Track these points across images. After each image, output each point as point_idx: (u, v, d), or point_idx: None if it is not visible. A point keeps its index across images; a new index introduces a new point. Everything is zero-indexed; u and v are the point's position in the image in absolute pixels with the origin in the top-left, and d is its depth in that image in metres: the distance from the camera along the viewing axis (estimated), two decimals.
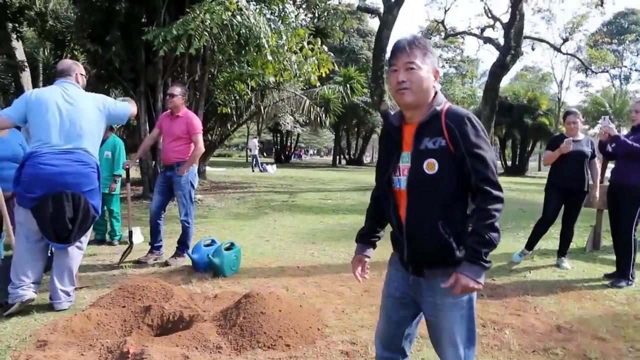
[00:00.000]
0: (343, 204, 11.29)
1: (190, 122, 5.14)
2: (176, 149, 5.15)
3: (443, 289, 1.81)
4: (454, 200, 1.80)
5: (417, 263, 1.88)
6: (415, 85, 1.79)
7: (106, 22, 9.41)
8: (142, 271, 4.93)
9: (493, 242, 1.71)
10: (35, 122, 3.62)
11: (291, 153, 44.37)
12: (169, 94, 5.22)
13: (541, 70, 47.82)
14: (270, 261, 5.46)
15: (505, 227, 8.16)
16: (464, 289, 1.73)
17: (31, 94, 3.70)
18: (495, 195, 1.75)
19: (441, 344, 1.92)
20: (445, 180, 1.77)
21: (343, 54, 32.61)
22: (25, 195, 3.55)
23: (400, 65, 1.80)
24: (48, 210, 3.55)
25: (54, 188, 3.55)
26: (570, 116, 5.26)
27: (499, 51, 16.85)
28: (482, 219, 1.73)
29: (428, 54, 1.81)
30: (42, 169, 3.52)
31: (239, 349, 3.00)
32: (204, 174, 15.69)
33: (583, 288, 4.65)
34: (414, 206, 1.82)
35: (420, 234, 1.82)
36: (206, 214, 9.10)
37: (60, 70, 3.86)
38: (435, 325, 1.91)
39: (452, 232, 1.78)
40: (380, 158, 2.03)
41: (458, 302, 1.85)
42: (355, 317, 3.71)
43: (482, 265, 1.72)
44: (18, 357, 2.85)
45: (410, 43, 1.80)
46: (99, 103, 3.87)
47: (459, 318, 1.87)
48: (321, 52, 10.20)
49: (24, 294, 3.54)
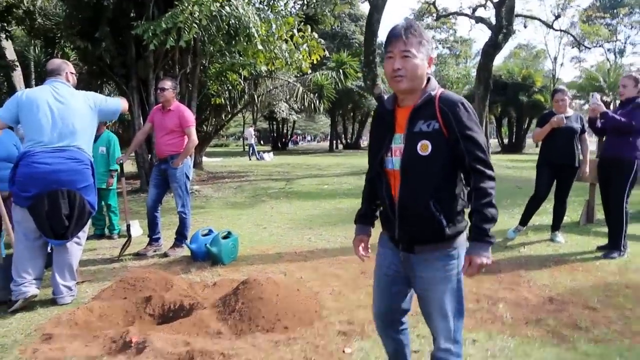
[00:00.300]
0: (340, 188, 11.36)
1: (183, 115, 5.18)
2: (169, 142, 5.20)
3: (433, 264, 1.92)
4: (445, 181, 1.88)
5: (408, 240, 1.96)
6: (410, 73, 1.85)
7: (95, 18, 9.37)
8: (142, 263, 5.00)
9: (494, 218, 1.83)
10: (27, 121, 3.67)
11: (288, 140, 44.34)
12: (159, 88, 5.25)
13: (535, 47, 47.61)
14: (268, 248, 5.54)
15: (501, 204, 8.24)
16: (479, 267, 1.83)
17: (22, 94, 3.74)
18: (489, 175, 1.85)
19: (432, 317, 2.01)
20: (438, 161, 1.84)
21: (335, 39, 32.44)
22: (21, 194, 3.61)
23: (396, 53, 1.86)
24: (44, 208, 3.61)
25: (48, 186, 3.61)
26: (558, 94, 5.32)
27: (490, 30, 16.79)
28: (480, 197, 1.83)
29: (423, 42, 1.86)
30: (36, 168, 3.58)
31: (239, 333, 3.08)
32: (201, 165, 15.73)
33: (576, 261, 4.75)
34: (407, 185, 1.89)
35: (413, 212, 1.90)
36: (204, 204, 9.17)
37: (50, 69, 3.90)
38: (426, 299, 2.00)
39: (443, 209, 1.87)
40: (372, 140, 2.09)
41: (447, 276, 1.94)
42: (352, 297, 3.79)
43: (488, 242, 1.83)
44: (25, 351, 2.93)
45: (406, 31, 1.85)
46: (89, 100, 3.92)
47: (449, 291, 1.95)
48: (312, 39, 10.18)
49: (27, 291, 3.61)
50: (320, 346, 2.93)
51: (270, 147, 40.54)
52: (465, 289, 3.84)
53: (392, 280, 2.09)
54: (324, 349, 2.90)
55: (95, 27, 9.31)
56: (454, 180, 1.91)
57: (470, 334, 3.08)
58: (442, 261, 1.93)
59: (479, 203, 1.83)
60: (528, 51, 47.55)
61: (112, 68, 10.19)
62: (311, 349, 2.89)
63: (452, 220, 1.89)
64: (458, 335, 2.01)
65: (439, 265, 1.92)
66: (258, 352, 2.83)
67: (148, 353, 2.75)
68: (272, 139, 43.48)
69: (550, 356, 2.79)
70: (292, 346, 2.93)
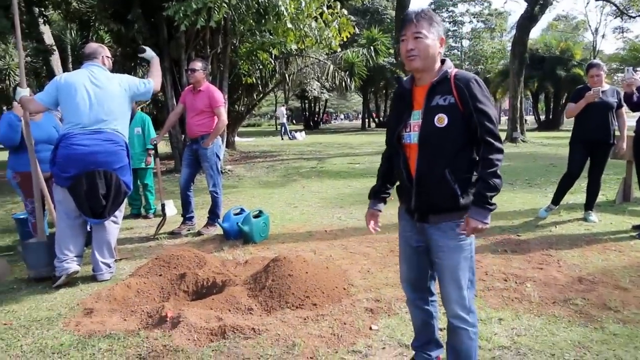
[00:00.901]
0: (371, 167, 11.34)
1: (212, 96, 5.27)
2: (200, 123, 5.30)
3: (447, 232, 2.05)
4: (460, 152, 2.01)
5: (423, 210, 2.08)
6: (422, 52, 2.00)
7: (128, 1, 9.51)
8: (176, 241, 5.17)
9: (497, 187, 1.95)
10: (66, 104, 3.82)
11: (320, 119, 44.30)
12: (190, 69, 5.33)
13: (575, 18, 45.74)
14: (298, 226, 5.63)
15: (534, 183, 8.11)
16: (474, 230, 1.97)
17: (61, 78, 3.89)
18: (497, 147, 1.97)
19: (446, 286, 2.11)
20: (453, 134, 1.98)
21: (366, 15, 32.03)
22: (61, 175, 3.78)
23: (409, 35, 2.01)
24: (83, 188, 3.78)
25: (86, 167, 3.77)
26: (593, 69, 5.10)
27: (526, 2, 16.26)
28: (487, 167, 1.95)
29: (433, 24, 2.01)
30: (75, 150, 3.74)
31: (269, 310, 3.18)
32: (233, 145, 15.91)
33: (609, 240, 4.66)
34: (425, 157, 2.02)
35: (429, 182, 2.02)
36: (236, 183, 9.33)
37: (87, 53, 4.04)
38: (441, 266, 2.11)
39: (458, 179, 2.00)
40: (391, 118, 2.25)
41: (461, 245, 2.06)
42: (380, 276, 3.85)
43: (487, 208, 1.95)
44: (68, 323, 3.11)
45: (417, 15, 2.01)
46: (124, 83, 4.04)
47: (462, 259, 2.07)
48: (342, 16, 10.08)
49: (69, 267, 3.81)
50: (348, 323, 3.00)
51: (302, 125, 40.61)
52: (494, 267, 3.90)
53: (416, 250, 2.21)
54: (351, 325, 2.97)
55: (128, 9, 9.45)
56: (468, 153, 2.03)
57: (497, 312, 3.10)
58: (455, 230, 2.04)
59: (485, 172, 1.95)
60: (567, 23, 45.73)
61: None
62: (339, 326, 2.96)
63: (465, 191, 2.01)
64: (471, 304, 2.12)
65: (453, 234, 2.04)
66: (287, 328, 2.92)
67: (182, 327, 2.88)
68: (304, 117, 43.50)
69: (577, 336, 2.78)
70: (320, 322, 3.01)
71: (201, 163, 5.40)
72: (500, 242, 4.70)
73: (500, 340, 2.75)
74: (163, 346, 2.73)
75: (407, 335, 2.79)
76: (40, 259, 3.99)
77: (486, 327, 2.89)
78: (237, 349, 2.70)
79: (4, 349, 2.82)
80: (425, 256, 2.20)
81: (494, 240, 4.75)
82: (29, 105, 3.91)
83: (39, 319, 3.21)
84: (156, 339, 2.82)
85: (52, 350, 2.77)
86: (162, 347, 2.73)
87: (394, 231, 5.01)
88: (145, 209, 6.60)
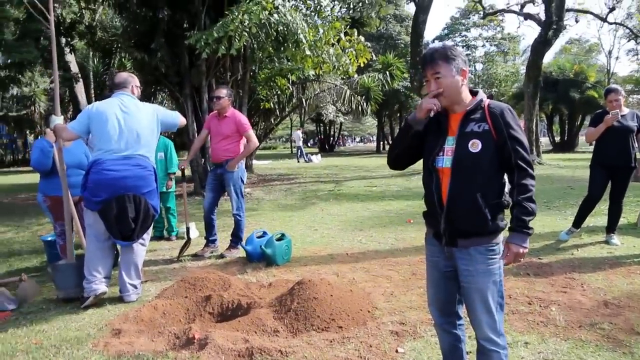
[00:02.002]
0: (388, 190, 11.39)
1: (239, 121, 5.39)
2: (225, 148, 5.40)
3: (476, 257, 2.08)
4: (491, 177, 2.07)
5: (452, 234, 2.11)
6: (446, 91, 2.09)
7: (151, 31, 9.83)
8: (199, 264, 5.24)
9: (534, 211, 2.03)
10: (97, 132, 3.96)
11: (335, 142, 44.57)
12: (215, 97, 5.46)
13: (588, 41, 45.60)
14: (319, 249, 5.67)
15: (553, 205, 8.06)
16: (516, 255, 2.06)
17: (92, 107, 4.06)
18: (531, 173, 2.06)
19: (475, 309, 2.12)
20: (486, 159, 2.04)
21: (381, 40, 32.40)
22: (92, 199, 3.91)
23: (430, 76, 2.12)
24: (113, 211, 3.89)
25: (116, 191, 3.89)
26: (612, 94, 5.09)
27: (540, 27, 16.38)
28: (522, 192, 2.03)
29: (450, 60, 2.09)
30: (105, 175, 3.87)
31: (295, 332, 3.21)
32: (251, 168, 16.08)
33: (633, 264, 4.62)
34: (457, 180, 2.06)
35: (460, 206, 2.07)
36: (256, 206, 9.41)
37: (117, 82, 4.20)
38: (471, 291, 2.12)
39: (488, 204, 2.05)
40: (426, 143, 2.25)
41: (489, 270, 2.09)
42: (404, 299, 3.86)
43: (526, 233, 2.04)
44: (97, 344, 3.17)
45: (432, 55, 2.11)
46: (154, 112, 4.21)
47: (492, 284, 2.10)
48: (358, 42, 10.27)
49: (97, 288, 3.89)
50: (374, 346, 3.02)
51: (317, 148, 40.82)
52: (517, 290, 3.89)
53: (444, 275, 2.23)
54: (377, 348, 2.99)
55: (151, 39, 9.76)
56: (499, 179, 2.10)
57: (523, 336, 3.10)
58: (484, 255, 2.08)
59: (521, 197, 2.02)
60: (580, 46, 45.63)
61: (166, 76, 10.64)
62: (365, 348, 2.98)
63: (495, 217, 2.06)
64: (501, 328, 2.14)
65: (482, 259, 2.07)
66: (314, 350, 2.95)
67: (210, 349, 2.91)
68: (319, 140, 43.79)
69: None
70: (347, 345, 3.03)
71: (226, 187, 5.48)
72: (522, 265, 4.68)
73: None
74: None
75: (434, 359, 2.80)
76: (69, 280, 4.07)
77: (512, 350, 2.89)
78: None
79: None
80: (453, 280, 2.22)
81: (516, 263, 4.73)
82: (62, 134, 4.07)
83: (68, 339, 3.27)
84: None
85: None
86: None
87: (415, 254, 5.08)
88: (167, 232, 6.70)
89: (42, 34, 10.01)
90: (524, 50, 46.30)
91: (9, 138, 28.40)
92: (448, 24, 46.79)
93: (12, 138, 28.61)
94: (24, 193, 12.76)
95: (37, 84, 21.27)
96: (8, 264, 5.40)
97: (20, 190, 13.62)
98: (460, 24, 45.61)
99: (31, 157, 4.77)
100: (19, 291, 4.15)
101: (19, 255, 5.79)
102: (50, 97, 22.42)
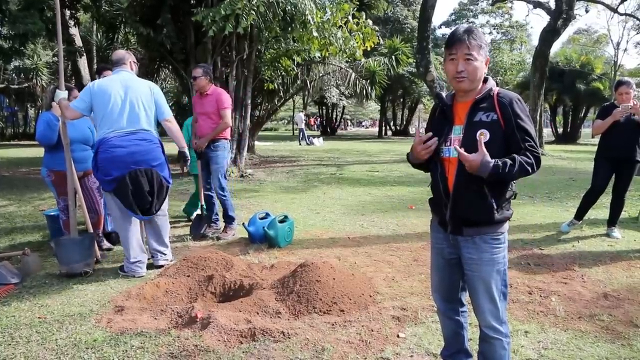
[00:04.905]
0: (390, 175, 11.39)
1: (219, 98, 5.32)
2: (210, 126, 5.34)
3: (481, 246, 2.08)
4: None
5: (457, 222, 2.11)
6: (471, 75, 2.05)
7: (157, 6, 9.72)
8: (202, 243, 5.25)
9: (512, 172, 1.95)
10: (99, 110, 4.00)
11: (337, 125, 44.43)
12: (192, 77, 5.42)
13: (596, 32, 45.10)
14: (321, 232, 5.69)
15: (554, 196, 8.06)
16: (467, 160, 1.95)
17: (93, 85, 4.09)
18: (538, 157, 2.03)
19: (479, 298, 2.14)
20: (493, 149, 1.99)
21: (387, 24, 32.09)
22: (105, 178, 3.99)
23: (460, 56, 2.04)
24: (128, 187, 3.96)
25: (127, 167, 3.95)
26: (623, 86, 5.06)
27: (549, 15, 16.22)
28: (524, 159, 1.98)
29: (482, 46, 2.05)
30: (113, 152, 3.92)
31: (297, 314, 3.23)
32: (253, 149, 16.04)
33: (633, 257, 4.63)
34: (464, 170, 2.03)
35: (466, 195, 2.06)
36: (257, 187, 9.42)
37: (115, 60, 4.25)
38: (474, 279, 2.13)
39: (494, 194, 2.05)
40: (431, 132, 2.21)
41: (494, 258, 2.09)
42: (405, 284, 3.88)
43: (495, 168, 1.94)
44: (100, 320, 3.19)
45: (469, 35, 2.03)
46: (153, 88, 4.26)
47: (495, 272, 2.10)
48: (366, 26, 10.17)
49: (138, 271, 4.11)
50: (375, 330, 3.04)
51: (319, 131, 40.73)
52: (517, 280, 3.91)
53: (447, 261, 2.25)
54: (378, 332, 3.01)
55: (157, 14, 9.66)
56: None
57: (522, 325, 3.12)
58: (489, 243, 2.08)
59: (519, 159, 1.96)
60: (588, 36, 45.15)
61: (172, 53, 10.55)
62: (366, 333, 3.00)
63: (500, 206, 2.06)
64: (504, 316, 2.16)
65: (486, 247, 2.08)
66: (316, 333, 2.97)
67: (212, 329, 2.93)
68: (322, 123, 43.66)
69: (604, 352, 2.79)
70: (348, 328, 3.05)
71: (210, 165, 5.45)
72: (523, 255, 4.70)
73: (527, 352, 2.77)
74: (194, 346, 2.79)
75: (435, 344, 2.82)
76: (72, 255, 4.09)
77: (513, 339, 2.89)
78: (267, 352, 2.76)
79: (40, 342, 2.91)
80: (457, 268, 2.23)
81: (517, 253, 4.75)
82: (65, 113, 4.10)
83: (71, 315, 3.30)
84: (187, 338, 2.88)
85: (86, 346, 2.85)
86: (194, 346, 2.79)
87: (417, 240, 5.09)
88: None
89: (46, 3, 9.90)
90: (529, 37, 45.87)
91: (10, 111, 28.23)
92: (456, 9, 46.31)
93: (13, 111, 28.43)
94: (24, 167, 12.75)
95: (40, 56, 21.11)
96: (10, 237, 5.41)
97: (21, 163, 13.61)
98: (468, 10, 45.15)
99: (36, 130, 4.75)
100: (22, 265, 4.18)
101: (21, 229, 5.80)
102: (52, 71, 22.28)
